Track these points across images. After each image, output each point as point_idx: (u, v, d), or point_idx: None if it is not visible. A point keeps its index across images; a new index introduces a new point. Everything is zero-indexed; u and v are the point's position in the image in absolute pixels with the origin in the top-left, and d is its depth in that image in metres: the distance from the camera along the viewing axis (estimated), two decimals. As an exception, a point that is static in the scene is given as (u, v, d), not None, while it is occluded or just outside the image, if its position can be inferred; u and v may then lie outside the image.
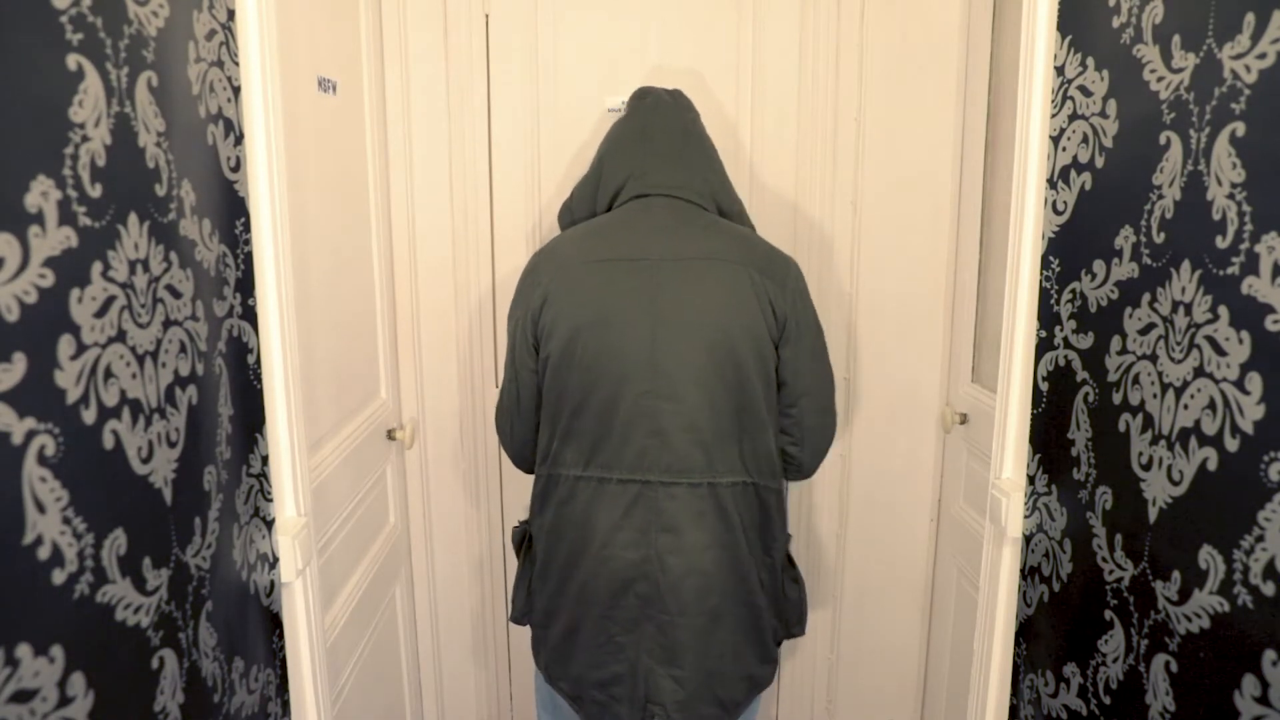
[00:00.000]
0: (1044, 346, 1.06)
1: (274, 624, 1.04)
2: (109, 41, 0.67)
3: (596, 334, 1.22)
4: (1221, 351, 0.72)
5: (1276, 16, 0.66)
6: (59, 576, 0.59)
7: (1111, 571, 0.90)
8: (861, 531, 1.95)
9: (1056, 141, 1.03)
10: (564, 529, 1.28)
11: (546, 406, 1.30)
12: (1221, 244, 0.72)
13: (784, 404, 1.30)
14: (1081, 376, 0.97)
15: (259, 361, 0.99)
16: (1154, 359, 0.82)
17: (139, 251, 0.70)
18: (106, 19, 0.66)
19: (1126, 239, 0.88)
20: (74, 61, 0.62)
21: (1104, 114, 0.92)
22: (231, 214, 0.92)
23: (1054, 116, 1.03)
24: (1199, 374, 0.75)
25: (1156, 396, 0.82)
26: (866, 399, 1.90)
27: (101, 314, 0.64)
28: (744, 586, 1.27)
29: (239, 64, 0.94)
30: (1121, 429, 0.88)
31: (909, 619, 1.96)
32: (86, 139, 0.63)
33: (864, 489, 1.93)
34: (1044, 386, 1.06)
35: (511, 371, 1.34)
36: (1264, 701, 0.68)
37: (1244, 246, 0.69)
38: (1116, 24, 0.90)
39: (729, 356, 1.22)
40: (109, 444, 0.66)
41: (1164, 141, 0.81)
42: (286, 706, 1.07)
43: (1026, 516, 1.11)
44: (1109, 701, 0.91)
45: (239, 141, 0.94)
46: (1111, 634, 0.90)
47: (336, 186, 1.46)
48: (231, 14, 0.92)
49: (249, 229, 0.96)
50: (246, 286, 0.96)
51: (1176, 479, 0.78)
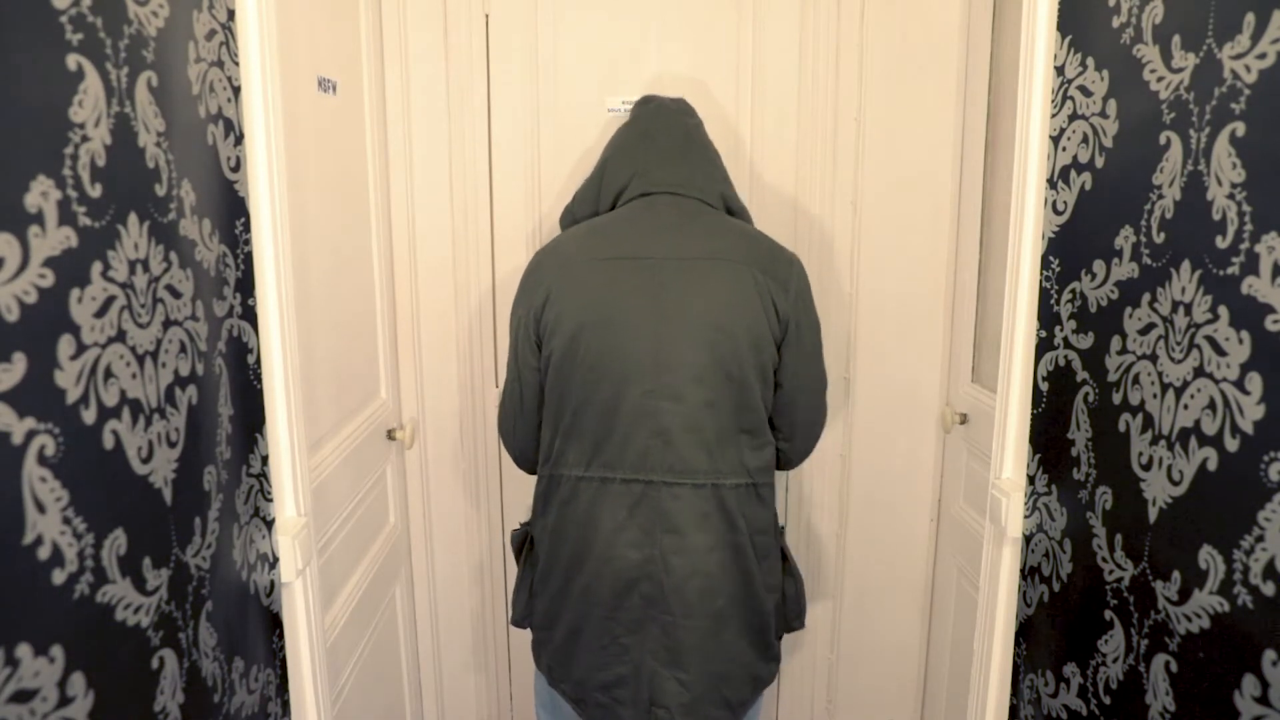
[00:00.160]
0: (1044, 346, 1.06)
1: (274, 624, 1.04)
2: (109, 41, 0.67)
3: (599, 333, 1.22)
4: (1221, 351, 0.72)
5: (1276, 16, 0.66)
6: (59, 576, 0.59)
7: (1111, 571, 0.90)
8: (861, 531, 1.95)
9: (1056, 141, 1.03)
10: (567, 530, 1.27)
11: (549, 406, 1.29)
12: (1221, 244, 0.72)
13: (778, 401, 1.30)
14: (1081, 376, 0.97)
15: (259, 361, 0.99)
16: (1154, 359, 0.82)
17: (139, 251, 0.70)
18: (106, 19, 0.66)
19: (1126, 239, 0.88)
20: (74, 61, 0.62)
21: (1104, 114, 0.92)
22: (231, 214, 0.92)
23: (1054, 116, 1.03)
24: (1199, 374, 0.75)
25: (1156, 396, 0.82)
26: (866, 399, 1.90)
27: (101, 314, 0.64)
28: (749, 588, 1.27)
29: (239, 64, 0.94)
30: (1121, 429, 0.88)
31: (909, 619, 1.96)
32: (86, 139, 0.63)
33: (864, 489, 1.93)
34: (1044, 386, 1.06)
35: (514, 370, 1.33)
36: (1264, 701, 0.68)
37: (1244, 246, 0.69)
38: (1116, 24, 0.90)
39: (732, 356, 1.22)
40: (109, 444, 0.66)
41: (1164, 141, 0.81)
42: (286, 706, 1.07)
43: (1026, 516, 1.11)
44: (1109, 701, 0.91)
45: (239, 141, 0.94)
46: (1111, 634, 0.90)
47: (336, 186, 1.46)
48: (231, 14, 0.92)
49: (249, 229, 0.96)
50: (246, 286, 0.96)
51: (1176, 479, 0.78)
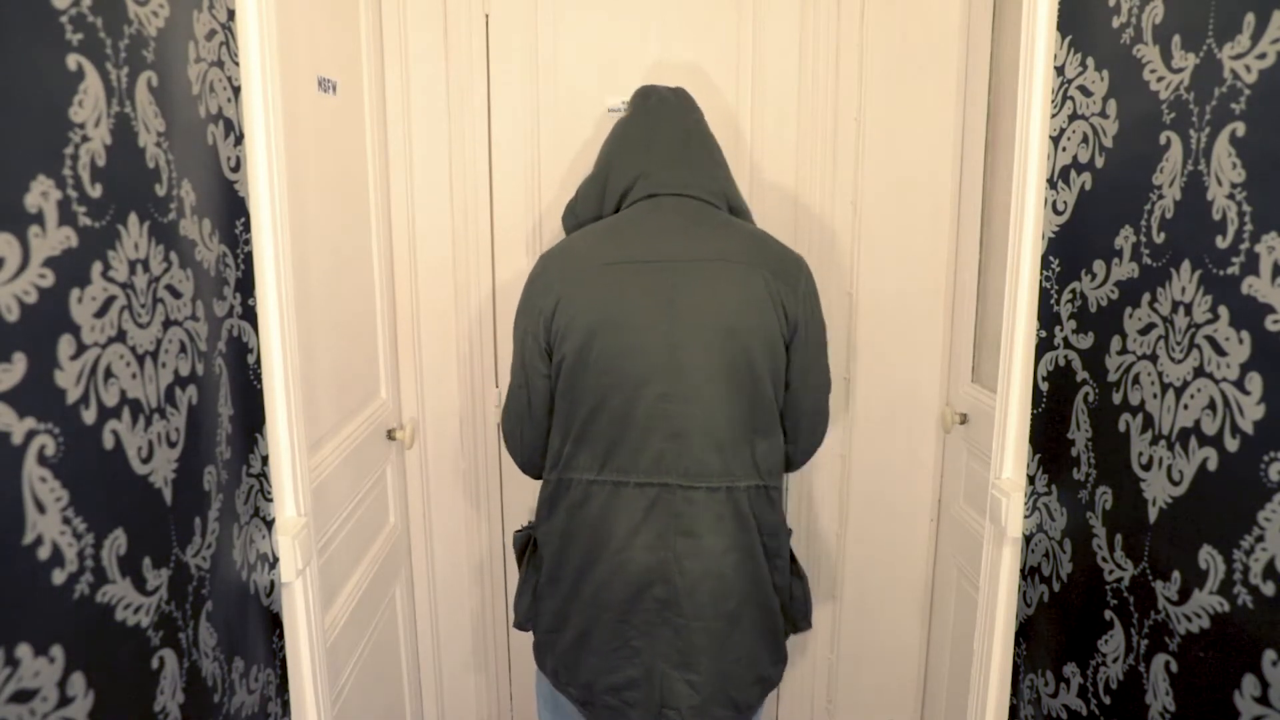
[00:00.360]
0: (1044, 346, 1.06)
1: (274, 624, 1.04)
2: (109, 41, 0.67)
3: (612, 336, 1.21)
4: (1221, 351, 0.72)
5: (1276, 16, 0.66)
6: (59, 576, 0.59)
7: (1111, 571, 0.90)
8: (861, 531, 1.95)
9: (1056, 141, 1.03)
10: (576, 533, 1.26)
11: (559, 411, 1.28)
12: (1221, 244, 0.72)
13: (785, 402, 1.30)
14: (1081, 376, 0.97)
15: (259, 361, 0.99)
16: (1154, 359, 0.82)
17: (139, 251, 0.70)
18: (106, 19, 0.66)
19: (1126, 239, 0.88)
20: (74, 61, 0.62)
21: (1104, 114, 0.92)
22: (231, 214, 0.92)
23: (1054, 116, 1.03)
24: (1199, 374, 0.75)
25: (1156, 396, 0.82)
26: (866, 399, 1.90)
27: (101, 314, 0.64)
28: (760, 589, 1.27)
29: (239, 64, 0.94)
30: (1121, 429, 0.88)
31: (909, 619, 1.96)
32: (86, 139, 0.63)
33: (864, 489, 1.93)
34: (1044, 386, 1.06)
35: (521, 377, 1.30)
36: (1264, 701, 0.68)
37: (1244, 246, 0.69)
38: (1116, 24, 0.90)
39: (744, 358, 1.22)
40: (109, 444, 0.66)
41: (1164, 141, 0.81)
42: (286, 706, 1.07)
43: (1026, 516, 1.11)
44: (1109, 701, 0.91)
45: (239, 141, 0.94)
46: (1111, 634, 0.90)
47: (336, 186, 1.46)
48: (231, 14, 0.92)
49: (249, 229, 0.96)
50: (246, 286, 0.96)
51: (1176, 479, 0.78)
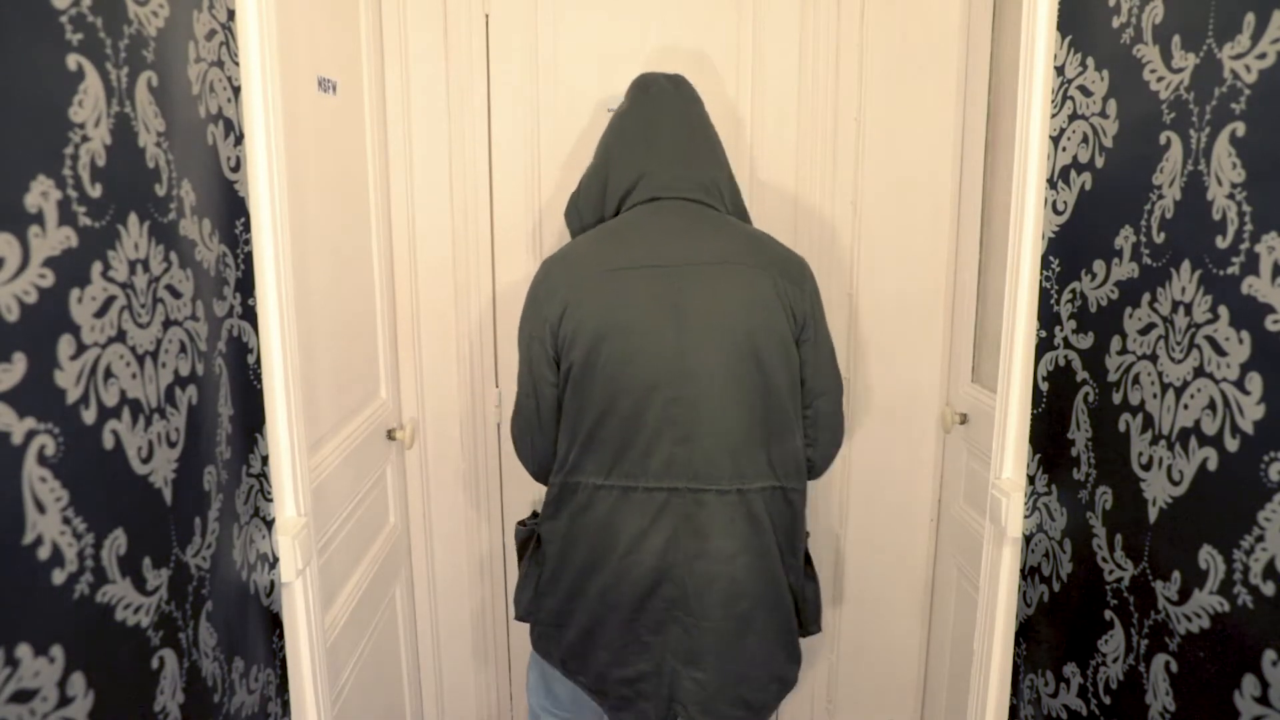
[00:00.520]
0: (1044, 346, 1.06)
1: (274, 624, 1.04)
2: (109, 41, 0.67)
3: (620, 342, 1.20)
4: (1221, 351, 0.72)
5: (1276, 16, 0.66)
6: (59, 576, 0.59)
7: (1111, 571, 0.90)
8: (861, 531, 1.95)
9: (1056, 141, 1.03)
10: (580, 536, 1.26)
11: (566, 417, 1.27)
12: (1221, 244, 0.72)
13: (802, 404, 1.30)
14: (1081, 376, 0.97)
15: (259, 361, 0.99)
16: (1154, 359, 0.82)
17: (139, 251, 0.70)
18: (106, 19, 0.66)
19: (1126, 239, 0.88)
20: (74, 61, 0.62)
21: (1104, 114, 0.92)
22: (231, 214, 0.92)
23: (1054, 116, 1.03)
24: (1199, 374, 0.75)
25: (1156, 396, 0.82)
26: (866, 399, 1.90)
27: (101, 314, 0.64)
28: (775, 590, 1.27)
29: (239, 64, 0.94)
30: (1121, 429, 0.88)
31: (909, 619, 1.96)
32: (86, 139, 0.63)
33: (864, 489, 1.93)
34: (1044, 386, 1.06)
35: (529, 386, 1.30)
36: (1264, 701, 0.68)
37: (1244, 246, 0.69)
38: (1116, 24, 0.90)
39: (754, 360, 1.21)
40: (109, 444, 0.66)
41: (1164, 141, 0.81)
42: (286, 706, 1.07)
43: (1026, 516, 1.11)
44: (1109, 701, 0.91)
45: (239, 141, 0.94)
46: (1111, 634, 0.90)
47: (336, 186, 1.46)
48: (231, 14, 0.92)
49: (249, 229, 0.96)
50: (246, 286, 0.96)
51: (1176, 479, 0.78)
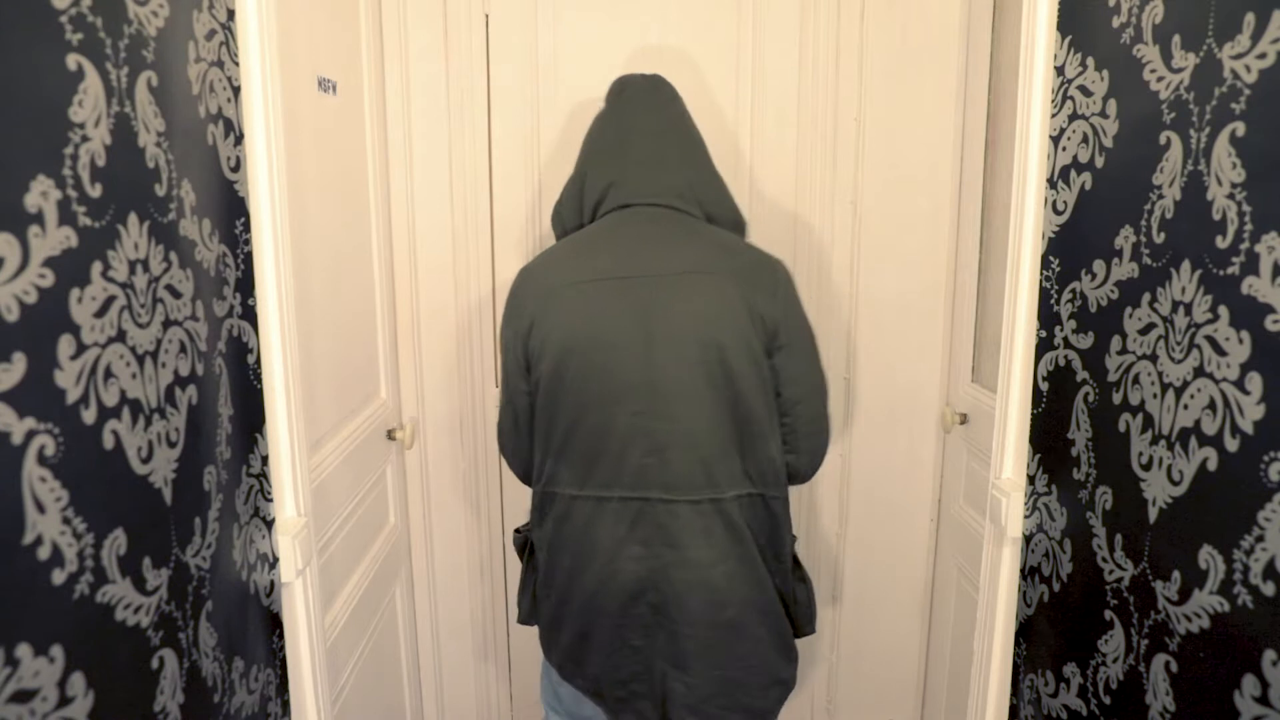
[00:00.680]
0: (1044, 346, 1.06)
1: (274, 624, 1.04)
2: (109, 41, 0.67)
3: (587, 355, 1.21)
4: (1221, 351, 0.72)
5: (1276, 16, 0.66)
6: (59, 576, 0.59)
7: (1111, 571, 0.90)
8: (861, 531, 1.95)
9: (1056, 141, 1.03)
10: (564, 543, 1.27)
11: (539, 427, 1.28)
12: (1221, 244, 0.72)
13: (779, 412, 1.27)
14: (1081, 376, 0.97)
15: (259, 361, 0.99)
16: (1154, 359, 0.82)
17: (139, 251, 0.70)
18: (106, 19, 0.66)
19: (1126, 239, 0.88)
20: (74, 61, 0.62)
21: (1104, 114, 0.92)
22: (231, 214, 0.92)
23: (1054, 116, 1.03)
24: (1199, 374, 0.75)
25: (1156, 396, 0.82)
26: (866, 399, 1.90)
27: (101, 314, 0.64)
28: (763, 596, 1.27)
29: (239, 64, 0.94)
30: (1121, 429, 0.88)
31: (909, 619, 1.96)
32: (86, 139, 0.63)
33: (864, 489, 1.93)
34: (1044, 386, 1.06)
35: (507, 394, 1.32)
36: (1264, 701, 0.68)
37: (1244, 246, 0.69)
38: (1116, 24, 0.90)
39: (723, 370, 1.20)
40: (109, 444, 0.66)
41: (1164, 141, 0.81)
42: (286, 706, 1.07)
43: (1026, 516, 1.11)
44: (1109, 701, 0.91)
45: (239, 141, 0.94)
46: (1111, 634, 0.90)
47: (336, 186, 1.46)
48: (231, 14, 0.92)
49: (249, 229, 0.96)
50: (246, 286, 0.96)
51: (1176, 479, 0.78)
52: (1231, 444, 0.71)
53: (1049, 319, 1.05)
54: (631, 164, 1.30)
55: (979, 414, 1.66)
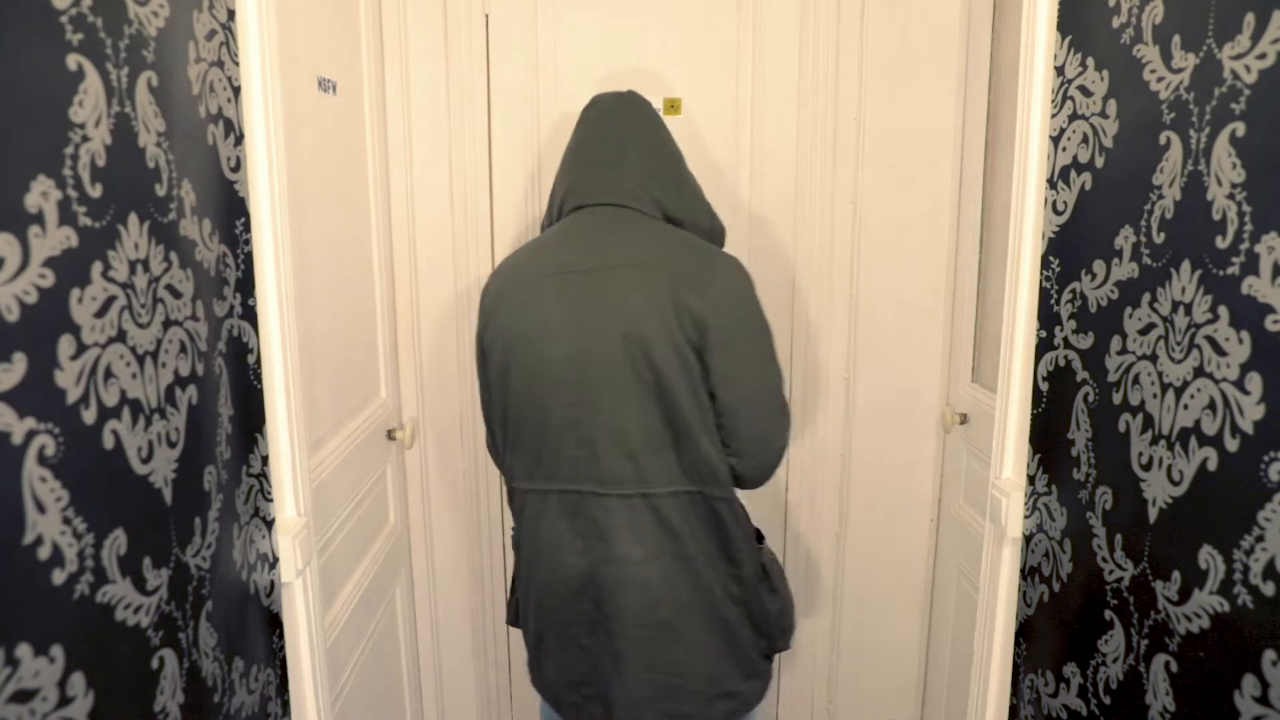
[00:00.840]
0: (1044, 346, 1.06)
1: (274, 624, 1.04)
2: (109, 41, 0.67)
3: (527, 349, 1.24)
4: (1221, 351, 0.72)
5: (1276, 16, 0.66)
6: (59, 576, 0.59)
7: (1111, 571, 0.90)
8: (861, 531, 1.95)
9: (1056, 141, 1.03)
10: (524, 541, 1.31)
11: (496, 421, 1.33)
12: (1221, 244, 0.72)
13: (718, 415, 1.21)
14: (1081, 376, 0.97)
15: (259, 361, 0.99)
16: (1154, 359, 0.82)
17: (139, 251, 0.70)
18: (106, 19, 0.66)
19: (1126, 239, 0.88)
20: (74, 61, 0.62)
21: (1104, 114, 0.92)
22: (231, 214, 0.92)
23: (1054, 116, 1.03)
24: (1199, 374, 0.75)
25: (1156, 396, 0.82)
26: (866, 399, 1.90)
27: (101, 314, 0.64)
28: (706, 599, 1.24)
29: (239, 64, 0.94)
30: (1121, 429, 0.88)
31: (909, 619, 1.96)
32: (86, 139, 0.63)
33: (864, 489, 1.93)
34: (1044, 386, 1.06)
35: (482, 391, 1.36)
36: (1264, 701, 0.68)
37: (1244, 246, 0.69)
38: (1116, 24, 0.90)
39: (648, 365, 1.18)
40: (109, 444, 0.66)
41: (1164, 141, 0.81)
42: (286, 706, 1.07)
43: (1026, 516, 1.11)
44: (1109, 701, 0.91)
45: (239, 141, 0.94)
46: (1111, 634, 0.90)
47: (336, 186, 1.46)
48: (231, 14, 0.92)
49: (249, 229, 0.96)
50: (246, 286, 0.96)
51: (1176, 479, 0.78)
52: (1231, 444, 0.71)
53: (1049, 319, 1.05)
54: (586, 169, 1.32)
55: (979, 414, 1.66)
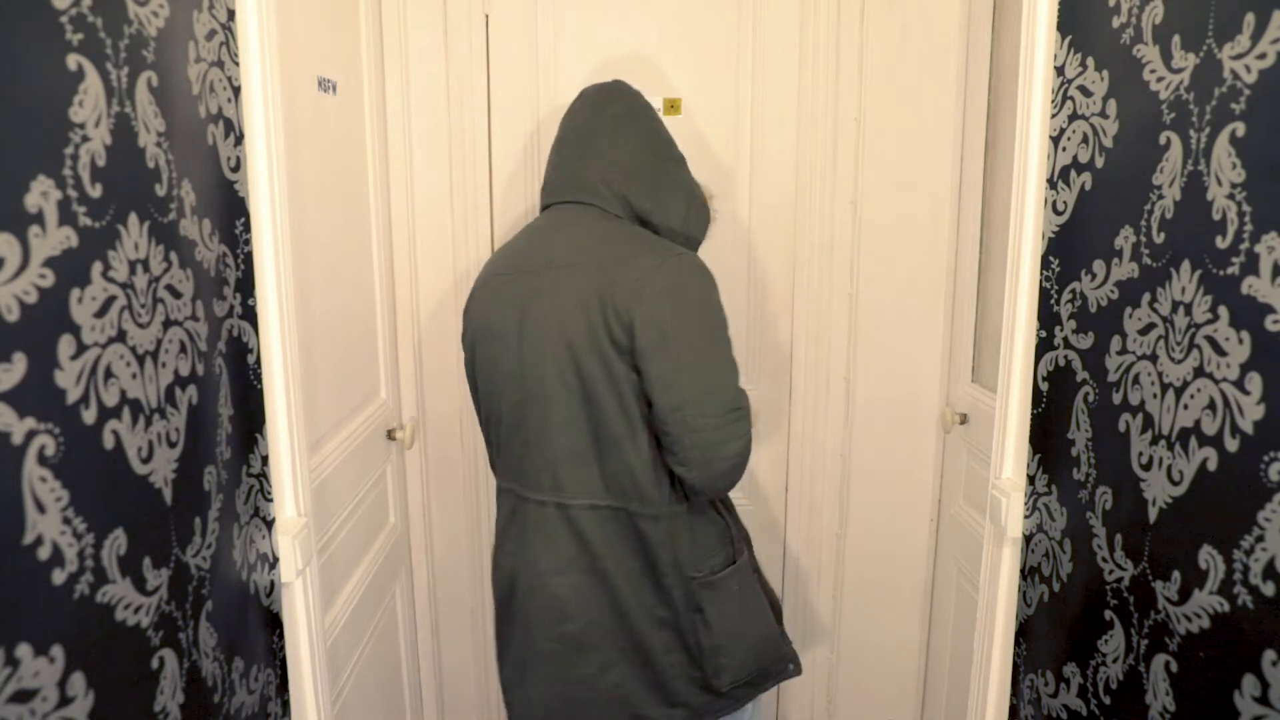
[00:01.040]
0: (1044, 346, 1.06)
1: (274, 624, 1.04)
2: (109, 41, 0.67)
3: (485, 348, 1.26)
4: (1221, 351, 0.72)
5: (1276, 16, 0.66)
6: (59, 576, 0.59)
7: (1111, 571, 0.90)
8: (861, 531, 1.95)
9: (1056, 141, 1.03)
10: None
11: (479, 418, 1.36)
12: (1221, 244, 0.72)
13: (658, 421, 1.14)
14: (1081, 376, 0.97)
15: (259, 361, 0.99)
16: (1154, 359, 0.82)
17: (139, 251, 0.70)
18: (106, 19, 0.66)
19: (1126, 239, 0.88)
20: (74, 61, 0.62)
21: (1104, 114, 0.92)
22: (231, 214, 0.92)
23: (1054, 116, 1.03)
24: (1199, 374, 0.75)
25: (1156, 396, 0.82)
26: (866, 399, 1.90)
27: (102, 314, 0.64)
28: (623, 619, 1.19)
29: (239, 64, 0.94)
30: (1121, 429, 0.88)
31: (909, 619, 1.96)
32: (86, 139, 0.63)
33: (864, 489, 1.93)
34: (1044, 386, 1.06)
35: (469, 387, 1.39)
36: (1264, 701, 0.68)
37: (1244, 246, 0.69)
38: (1116, 24, 0.90)
39: (574, 368, 1.15)
40: (109, 444, 0.66)
41: (1164, 141, 0.81)
42: (286, 706, 1.07)
43: (1026, 516, 1.11)
44: (1109, 701, 0.91)
45: (239, 141, 0.94)
46: (1111, 634, 0.90)
47: (336, 186, 1.46)
48: (231, 14, 0.92)
49: (249, 229, 0.96)
50: (246, 286, 0.96)
51: (1176, 479, 0.78)
52: (1231, 444, 0.71)
53: (1049, 319, 1.05)
54: (555, 164, 1.32)
55: (979, 414, 1.66)
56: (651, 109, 1.35)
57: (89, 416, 0.63)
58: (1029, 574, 1.11)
